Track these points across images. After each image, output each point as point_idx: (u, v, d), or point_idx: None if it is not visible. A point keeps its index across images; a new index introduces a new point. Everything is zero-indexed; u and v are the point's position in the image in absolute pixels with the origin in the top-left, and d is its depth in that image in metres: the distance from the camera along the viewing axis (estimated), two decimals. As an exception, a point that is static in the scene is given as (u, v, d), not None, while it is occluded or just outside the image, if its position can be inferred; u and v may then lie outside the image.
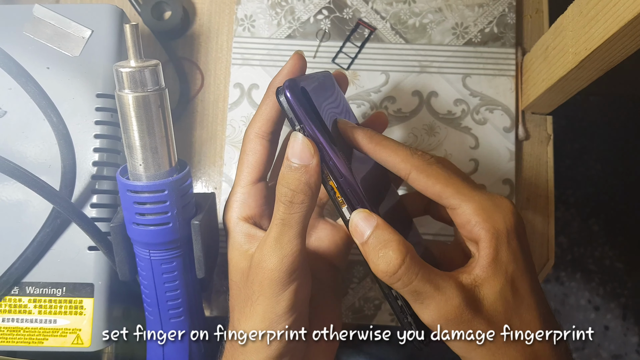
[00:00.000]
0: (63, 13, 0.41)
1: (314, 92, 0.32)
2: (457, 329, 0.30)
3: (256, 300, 0.32)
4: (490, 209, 0.32)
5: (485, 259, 0.31)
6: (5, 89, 0.40)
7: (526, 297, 0.31)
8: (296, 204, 0.31)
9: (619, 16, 0.31)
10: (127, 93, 0.30)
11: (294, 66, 0.35)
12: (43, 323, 0.39)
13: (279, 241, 0.32)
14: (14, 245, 0.39)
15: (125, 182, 0.32)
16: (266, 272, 0.32)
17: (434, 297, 0.30)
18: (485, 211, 0.31)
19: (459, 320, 0.30)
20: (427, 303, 0.30)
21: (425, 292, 0.30)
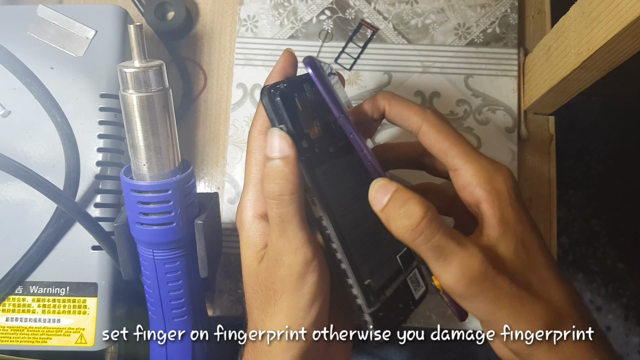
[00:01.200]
0: (67, 13, 0.42)
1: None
2: (481, 288, 0.30)
3: (279, 298, 0.32)
4: (491, 172, 0.32)
5: (493, 218, 0.31)
6: (9, 89, 0.40)
7: (539, 256, 0.31)
8: (286, 196, 0.31)
9: (621, 17, 0.31)
10: (131, 93, 0.30)
11: (285, 62, 0.35)
12: (47, 322, 0.39)
13: (285, 237, 0.31)
14: (17, 244, 0.39)
15: (129, 182, 0.32)
16: (284, 268, 0.32)
17: (457, 253, 0.29)
18: (486, 173, 0.32)
19: (483, 278, 0.29)
20: (450, 260, 0.29)
21: (448, 247, 0.29)
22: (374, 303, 0.34)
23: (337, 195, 0.34)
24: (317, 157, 0.34)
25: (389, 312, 0.35)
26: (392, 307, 0.35)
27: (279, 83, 0.34)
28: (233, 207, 0.48)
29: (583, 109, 1.34)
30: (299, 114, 0.33)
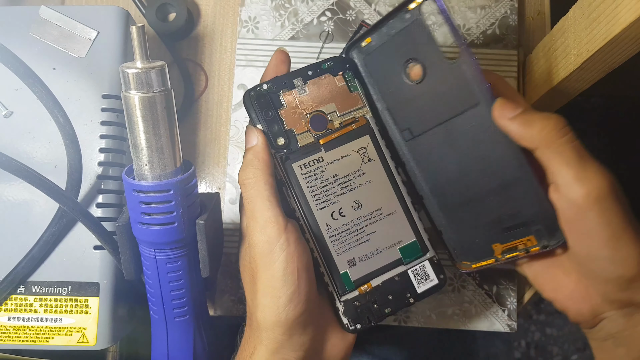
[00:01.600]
0: (69, 14, 0.42)
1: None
2: (606, 205, 0.33)
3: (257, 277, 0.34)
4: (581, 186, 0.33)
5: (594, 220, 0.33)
6: (11, 90, 0.40)
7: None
8: (250, 179, 0.34)
9: (621, 18, 0.31)
10: (134, 94, 0.31)
11: (277, 60, 0.38)
12: (49, 322, 0.40)
13: (252, 217, 0.34)
14: (20, 244, 0.39)
15: (131, 182, 0.33)
16: (254, 248, 0.34)
17: (597, 167, 0.33)
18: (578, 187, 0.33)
19: (613, 196, 0.33)
20: (589, 169, 0.33)
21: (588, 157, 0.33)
22: (348, 292, 0.37)
23: (317, 187, 0.37)
24: (299, 152, 0.37)
25: (371, 302, 0.37)
26: (377, 297, 0.37)
27: (260, 85, 0.37)
28: (234, 207, 0.48)
29: (583, 109, 1.34)
30: (279, 113, 0.37)
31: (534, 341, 1.32)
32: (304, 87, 0.37)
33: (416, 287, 0.38)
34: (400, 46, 0.38)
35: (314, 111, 0.37)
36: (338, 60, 0.38)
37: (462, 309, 0.47)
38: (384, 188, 0.38)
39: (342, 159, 0.38)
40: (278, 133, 0.37)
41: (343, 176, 0.37)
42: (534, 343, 1.32)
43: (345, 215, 0.37)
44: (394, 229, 0.38)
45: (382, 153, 0.38)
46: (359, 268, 0.37)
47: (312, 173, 0.37)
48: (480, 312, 0.47)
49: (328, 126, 0.38)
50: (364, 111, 0.38)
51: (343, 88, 0.38)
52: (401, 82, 0.39)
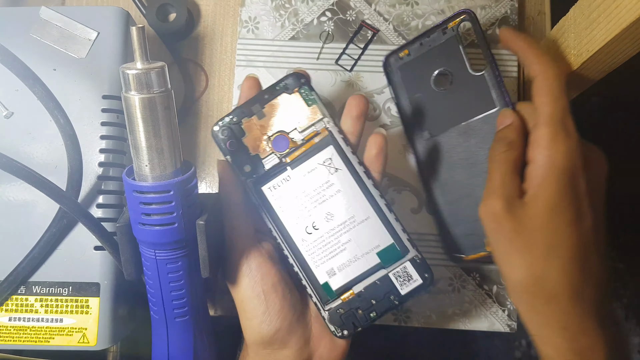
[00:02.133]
0: (69, 15, 0.42)
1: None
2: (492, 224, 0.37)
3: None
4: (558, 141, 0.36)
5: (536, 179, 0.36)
6: (12, 91, 0.40)
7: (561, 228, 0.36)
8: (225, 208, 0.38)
9: (621, 18, 0.31)
10: (134, 95, 0.31)
11: (246, 86, 0.40)
12: (49, 322, 0.40)
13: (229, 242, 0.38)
14: (20, 245, 0.39)
15: (131, 183, 0.33)
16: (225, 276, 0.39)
17: (495, 188, 0.37)
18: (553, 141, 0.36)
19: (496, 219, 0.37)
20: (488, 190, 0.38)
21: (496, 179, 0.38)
22: (331, 301, 0.38)
23: (289, 206, 0.39)
24: (267, 174, 0.39)
25: (355, 308, 0.38)
26: (360, 303, 0.38)
27: (223, 118, 0.39)
28: (234, 207, 0.48)
29: (583, 109, 1.34)
30: (242, 141, 0.39)
31: (535, 341, 1.32)
32: (262, 112, 0.39)
33: (399, 289, 0.38)
34: (434, 58, 0.45)
35: (274, 133, 0.39)
36: (292, 78, 0.39)
37: (462, 309, 0.47)
38: (354, 195, 0.39)
39: (308, 173, 0.39)
40: (244, 161, 0.39)
41: (312, 190, 0.39)
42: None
43: (318, 228, 0.39)
44: (369, 234, 0.39)
45: (348, 161, 0.39)
46: (339, 277, 0.38)
47: (281, 193, 0.39)
48: (480, 312, 0.47)
49: (290, 144, 0.39)
50: (324, 122, 0.39)
51: (300, 104, 0.39)
52: (429, 88, 0.45)
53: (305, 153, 0.39)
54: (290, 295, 0.38)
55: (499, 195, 0.36)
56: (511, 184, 0.36)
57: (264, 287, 0.37)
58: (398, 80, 0.46)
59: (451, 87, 0.45)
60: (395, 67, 0.46)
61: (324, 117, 0.39)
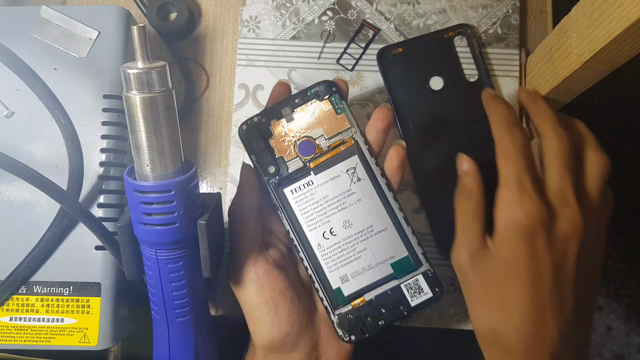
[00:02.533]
0: (70, 14, 0.42)
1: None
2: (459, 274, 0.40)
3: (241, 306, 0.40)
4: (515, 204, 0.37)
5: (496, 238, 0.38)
6: (13, 90, 0.40)
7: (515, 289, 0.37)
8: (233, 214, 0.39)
9: (624, 17, 0.31)
10: (135, 94, 0.31)
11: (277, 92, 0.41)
12: (50, 322, 0.40)
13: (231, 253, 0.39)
14: (21, 244, 0.39)
15: (132, 183, 0.33)
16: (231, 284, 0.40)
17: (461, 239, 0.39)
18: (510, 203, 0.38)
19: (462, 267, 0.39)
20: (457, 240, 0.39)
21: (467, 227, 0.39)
22: (341, 306, 0.39)
23: (309, 210, 0.39)
24: (290, 177, 0.39)
25: (364, 315, 0.39)
26: (370, 311, 0.39)
27: (252, 117, 0.40)
28: (235, 207, 0.48)
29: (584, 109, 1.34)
30: (269, 142, 0.40)
31: (536, 340, 1.32)
32: (291, 116, 0.40)
33: (409, 300, 0.39)
34: (428, 60, 0.47)
35: (301, 137, 0.40)
36: (324, 85, 0.40)
37: (463, 309, 0.47)
38: (374, 206, 0.39)
39: (331, 180, 0.40)
40: (269, 162, 0.40)
41: (333, 197, 0.39)
42: (536, 342, 1.31)
43: (336, 234, 0.39)
44: (385, 245, 0.40)
45: (371, 171, 0.40)
46: (352, 284, 0.39)
47: (303, 196, 0.39)
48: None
49: (316, 150, 0.40)
50: (351, 132, 0.40)
51: (330, 112, 0.40)
52: (422, 88, 0.47)
53: (330, 160, 0.39)
54: (299, 300, 0.39)
55: (464, 246, 0.38)
56: (473, 234, 0.38)
57: (272, 294, 0.38)
58: (391, 75, 0.47)
59: (443, 90, 0.47)
60: (388, 62, 0.47)
61: (351, 126, 0.40)
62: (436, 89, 0.47)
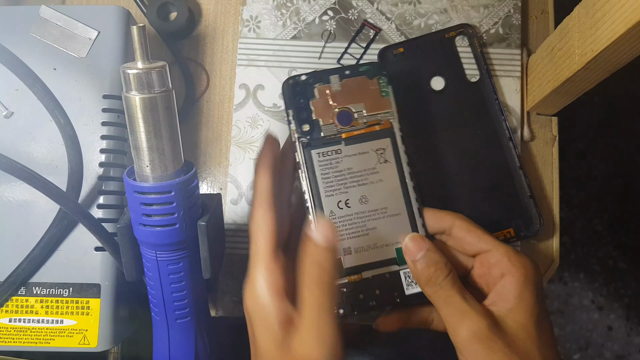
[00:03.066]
0: (69, 14, 0.42)
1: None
2: (485, 347, 0.34)
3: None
4: (523, 258, 0.37)
5: (512, 292, 0.36)
6: (12, 90, 0.40)
7: (546, 336, 0.35)
8: (328, 283, 0.32)
9: (626, 18, 0.31)
10: (134, 95, 0.30)
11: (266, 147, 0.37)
12: (50, 323, 0.39)
13: (320, 329, 0.32)
14: (21, 245, 0.39)
15: (132, 183, 0.32)
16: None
17: (469, 313, 0.35)
18: (518, 256, 0.37)
19: (489, 340, 0.34)
20: (463, 318, 0.35)
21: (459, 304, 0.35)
22: (338, 278, 0.39)
23: (330, 176, 0.40)
24: (321, 140, 0.40)
25: (358, 291, 0.39)
26: (364, 289, 0.40)
27: (300, 74, 0.41)
28: (236, 207, 0.47)
29: (585, 108, 1.34)
30: (309, 103, 0.41)
31: (536, 340, 1.31)
32: (338, 84, 0.41)
33: (405, 288, 0.40)
34: (430, 60, 0.47)
35: (342, 107, 0.41)
36: (376, 66, 0.42)
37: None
38: (394, 189, 0.40)
39: (359, 154, 0.40)
40: (305, 120, 0.40)
41: (357, 171, 0.40)
42: (536, 342, 1.31)
43: (350, 206, 0.40)
44: (394, 229, 0.40)
45: (399, 157, 0.41)
46: (353, 258, 0.40)
47: (328, 162, 0.40)
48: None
49: (353, 123, 0.41)
50: (389, 115, 0.41)
51: (375, 91, 0.41)
52: (423, 88, 0.47)
53: (363, 136, 0.40)
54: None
55: (477, 314, 0.35)
56: (475, 302, 0.36)
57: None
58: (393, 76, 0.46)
59: (445, 90, 0.47)
60: (389, 61, 0.47)
61: (392, 111, 0.41)
62: (437, 89, 0.47)
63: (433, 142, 0.46)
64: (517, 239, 0.45)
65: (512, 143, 0.46)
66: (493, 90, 0.47)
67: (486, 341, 0.34)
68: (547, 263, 0.48)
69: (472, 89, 0.47)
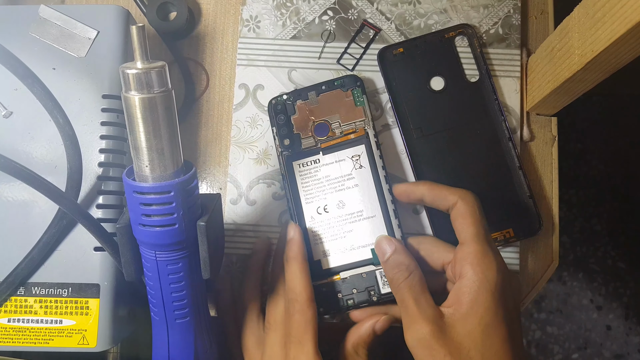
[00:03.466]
0: (69, 14, 0.42)
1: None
2: (423, 353, 0.35)
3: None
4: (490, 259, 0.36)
5: (466, 296, 0.35)
6: (11, 90, 0.40)
7: (496, 346, 0.35)
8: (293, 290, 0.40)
9: (627, 18, 0.31)
10: (134, 95, 0.30)
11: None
12: (49, 323, 0.39)
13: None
14: (20, 245, 0.39)
15: (131, 184, 0.32)
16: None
17: (415, 317, 0.36)
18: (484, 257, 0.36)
19: (427, 345, 0.35)
20: (408, 320, 0.36)
21: (410, 307, 0.36)
22: (317, 279, 0.42)
23: (310, 184, 0.43)
24: (301, 152, 0.44)
25: (337, 291, 0.42)
26: (342, 288, 0.42)
27: (282, 94, 0.45)
28: (235, 207, 0.47)
29: (584, 108, 1.34)
30: (290, 118, 0.44)
31: (535, 340, 1.32)
32: (315, 99, 0.45)
33: (381, 287, 0.42)
34: (429, 60, 0.47)
35: (319, 120, 0.44)
36: (351, 78, 0.45)
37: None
38: (369, 193, 0.43)
39: (336, 162, 0.43)
40: (287, 135, 0.44)
41: (334, 178, 0.43)
42: (535, 341, 1.32)
43: (329, 211, 0.43)
44: (370, 231, 0.42)
45: (374, 162, 0.43)
46: (332, 259, 0.42)
47: (307, 172, 0.43)
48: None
49: (329, 133, 0.44)
50: (364, 124, 0.44)
51: (350, 102, 0.44)
52: (423, 88, 0.47)
53: (339, 144, 0.44)
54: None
55: (423, 320, 0.35)
56: (428, 306, 0.36)
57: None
58: (392, 75, 0.47)
59: (444, 90, 0.47)
60: (389, 61, 0.48)
61: (365, 119, 0.44)
62: (437, 89, 0.47)
63: (432, 142, 0.47)
64: (516, 239, 0.45)
65: (512, 143, 0.46)
66: (493, 91, 0.47)
67: (428, 348, 0.35)
68: (546, 263, 0.48)
69: (472, 89, 0.47)
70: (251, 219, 0.47)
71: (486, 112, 0.47)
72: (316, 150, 0.44)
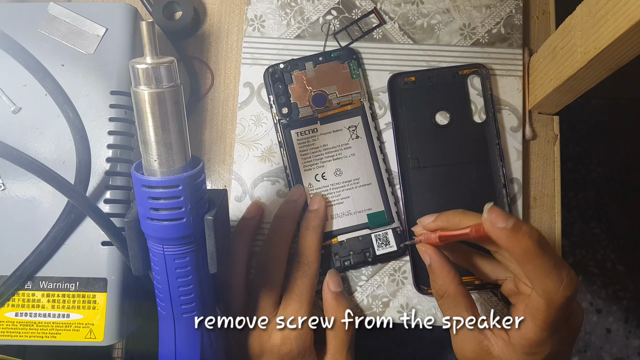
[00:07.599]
0: (77, 11, 0.42)
1: None
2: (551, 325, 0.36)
3: None
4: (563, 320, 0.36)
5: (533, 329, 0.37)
6: (20, 86, 0.40)
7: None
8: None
9: (629, 15, 0.31)
10: (143, 89, 0.31)
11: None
12: (56, 318, 0.40)
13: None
14: (27, 240, 0.39)
15: (140, 178, 0.33)
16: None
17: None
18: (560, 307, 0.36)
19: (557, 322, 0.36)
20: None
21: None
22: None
23: (308, 153, 0.45)
24: (299, 121, 0.46)
25: (334, 253, 0.45)
26: (339, 251, 0.45)
27: (278, 63, 0.47)
28: (240, 204, 0.48)
29: (583, 111, 1.35)
30: (288, 87, 0.46)
31: (535, 342, 1.31)
32: (312, 70, 0.46)
33: (376, 249, 0.45)
34: (439, 93, 0.48)
35: (317, 90, 0.46)
36: (347, 51, 0.47)
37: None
38: (365, 162, 0.46)
39: (333, 132, 0.46)
40: (284, 104, 0.46)
41: (331, 147, 0.46)
42: (535, 344, 1.31)
43: (326, 179, 0.46)
44: (366, 197, 0.45)
45: (369, 133, 0.46)
46: (329, 224, 0.45)
47: (305, 140, 0.46)
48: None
49: (327, 104, 0.46)
50: (360, 96, 0.46)
51: (346, 74, 0.46)
52: (427, 121, 0.48)
53: (336, 115, 0.46)
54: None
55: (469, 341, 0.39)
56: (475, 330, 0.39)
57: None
58: (399, 102, 0.48)
59: (448, 126, 0.47)
60: (399, 88, 0.48)
61: (361, 91, 0.46)
62: (441, 124, 0.47)
63: (427, 174, 0.47)
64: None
65: (506, 191, 0.46)
66: (496, 135, 0.47)
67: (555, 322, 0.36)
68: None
69: (476, 130, 0.47)
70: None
71: (486, 155, 0.47)
72: (314, 120, 0.46)
